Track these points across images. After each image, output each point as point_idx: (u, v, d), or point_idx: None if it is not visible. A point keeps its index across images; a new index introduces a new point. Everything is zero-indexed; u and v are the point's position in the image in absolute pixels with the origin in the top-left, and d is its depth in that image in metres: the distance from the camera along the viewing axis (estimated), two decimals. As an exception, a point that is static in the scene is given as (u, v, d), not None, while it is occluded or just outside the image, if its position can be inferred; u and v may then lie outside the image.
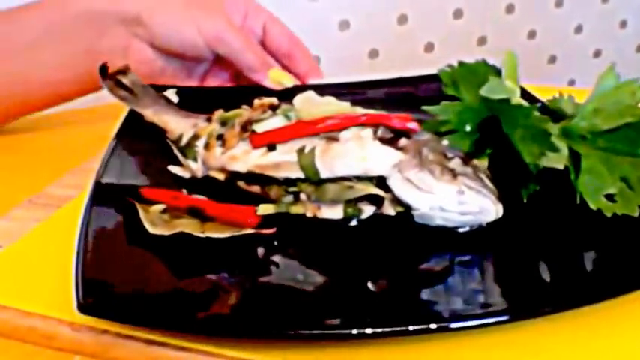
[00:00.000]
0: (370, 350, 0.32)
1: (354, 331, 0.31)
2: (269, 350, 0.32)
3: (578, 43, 1.50)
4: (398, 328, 0.31)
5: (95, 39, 0.57)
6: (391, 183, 0.39)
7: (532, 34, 1.43)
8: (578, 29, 1.49)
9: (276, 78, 0.59)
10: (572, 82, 1.52)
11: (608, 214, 0.37)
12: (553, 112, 0.44)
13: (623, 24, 1.53)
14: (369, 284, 0.35)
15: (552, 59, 1.49)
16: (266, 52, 0.62)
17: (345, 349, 0.32)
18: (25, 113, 0.61)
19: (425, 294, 0.35)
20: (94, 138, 0.58)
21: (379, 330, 0.31)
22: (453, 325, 0.32)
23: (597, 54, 1.53)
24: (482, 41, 1.38)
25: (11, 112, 0.61)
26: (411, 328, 0.31)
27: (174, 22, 0.57)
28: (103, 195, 0.42)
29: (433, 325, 0.31)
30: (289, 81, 0.59)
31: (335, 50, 1.22)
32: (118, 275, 0.35)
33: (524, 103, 0.41)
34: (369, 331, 0.31)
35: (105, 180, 0.43)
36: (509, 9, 1.39)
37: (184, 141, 0.46)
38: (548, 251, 0.38)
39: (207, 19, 0.57)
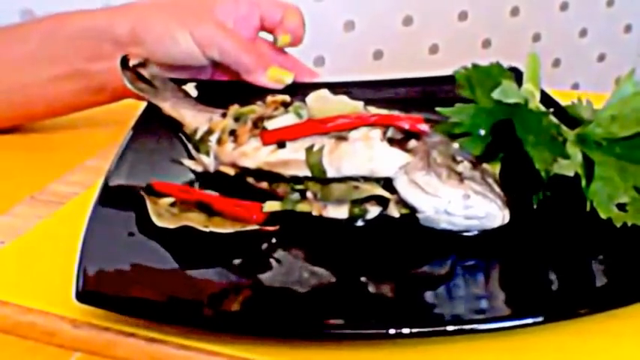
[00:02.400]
0: (371, 351, 0.32)
1: (355, 332, 0.31)
2: (269, 349, 0.32)
3: (582, 46, 1.49)
4: (399, 331, 0.31)
5: (88, 60, 0.57)
6: (397, 184, 0.39)
7: (537, 37, 1.43)
8: (583, 33, 1.49)
9: (276, 76, 0.57)
10: (575, 86, 1.51)
11: (618, 224, 0.37)
12: (570, 117, 0.44)
13: (628, 28, 1.53)
14: (372, 285, 0.35)
15: (556, 62, 1.48)
16: (267, 35, 0.61)
17: (346, 350, 0.32)
18: (28, 121, 0.61)
19: (426, 297, 0.34)
20: (97, 136, 0.58)
21: (380, 331, 0.31)
22: (451, 329, 0.31)
23: (602, 58, 1.53)
24: (486, 44, 1.38)
25: (14, 120, 0.60)
26: (410, 330, 0.31)
27: (168, 32, 0.56)
28: (114, 187, 0.42)
29: (432, 328, 0.31)
30: (289, 78, 0.58)
31: (339, 51, 1.22)
32: (118, 266, 0.35)
33: (542, 107, 0.41)
34: (369, 331, 0.31)
35: (118, 171, 0.43)
36: (514, 12, 1.38)
37: (199, 135, 0.47)
38: (554, 258, 0.37)
39: (199, 25, 0.56)
